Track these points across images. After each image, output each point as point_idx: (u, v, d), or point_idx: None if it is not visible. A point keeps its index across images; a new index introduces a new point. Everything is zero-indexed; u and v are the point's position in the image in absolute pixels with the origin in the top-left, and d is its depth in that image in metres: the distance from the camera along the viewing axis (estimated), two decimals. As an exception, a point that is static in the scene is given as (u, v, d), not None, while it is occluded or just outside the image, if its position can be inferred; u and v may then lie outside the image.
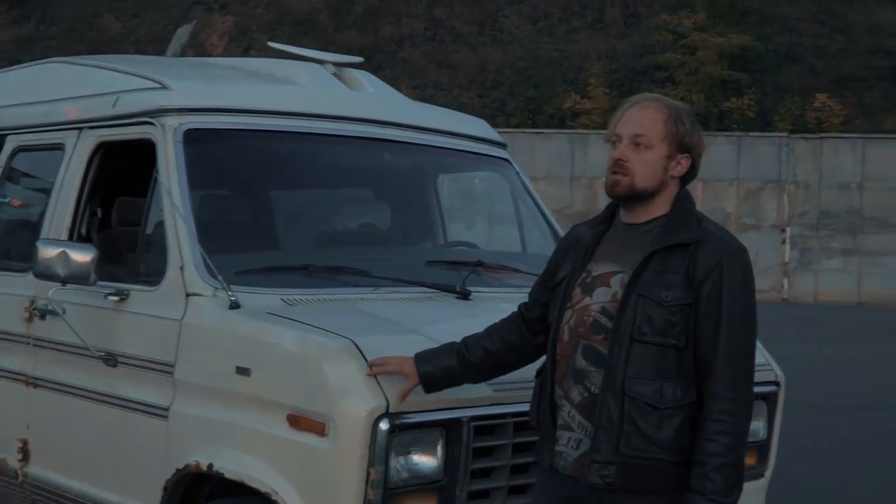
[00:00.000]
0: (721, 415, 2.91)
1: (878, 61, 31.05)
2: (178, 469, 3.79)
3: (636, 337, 2.94)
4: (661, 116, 3.07)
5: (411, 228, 5.27)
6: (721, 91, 29.29)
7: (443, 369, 3.34)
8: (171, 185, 4.07)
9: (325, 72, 4.87)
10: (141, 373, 4.05)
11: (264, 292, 3.88)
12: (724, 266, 2.96)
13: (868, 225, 28.16)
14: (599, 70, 31.09)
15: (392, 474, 3.34)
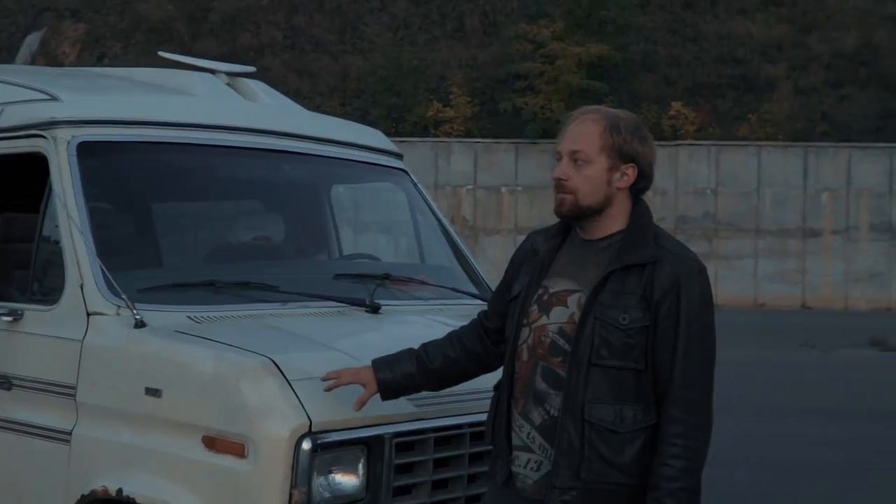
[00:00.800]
0: (676, 438, 2.87)
1: (730, 70, 32.05)
2: (83, 495, 3.63)
3: (595, 361, 2.89)
4: (597, 129, 3.01)
5: (307, 240, 5.18)
6: (580, 99, 29.68)
7: (402, 376, 3.28)
8: (67, 200, 3.91)
9: (220, 82, 4.76)
10: (38, 395, 3.88)
11: (170, 310, 3.77)
12: (682, 286, 2.91)
13: (723, 229, 29.06)
14: (461, 79, 31.29)
15: (315, 495, 3.27)
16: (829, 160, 28.88)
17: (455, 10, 34.76)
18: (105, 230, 3.98)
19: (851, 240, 28.83)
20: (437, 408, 3.52)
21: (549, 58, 30.09)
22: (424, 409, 3.50)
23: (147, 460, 3.51)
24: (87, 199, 3.94)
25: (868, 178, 28.69)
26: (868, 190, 28.68)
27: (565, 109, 29.47)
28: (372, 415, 3.38)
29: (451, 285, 4.66)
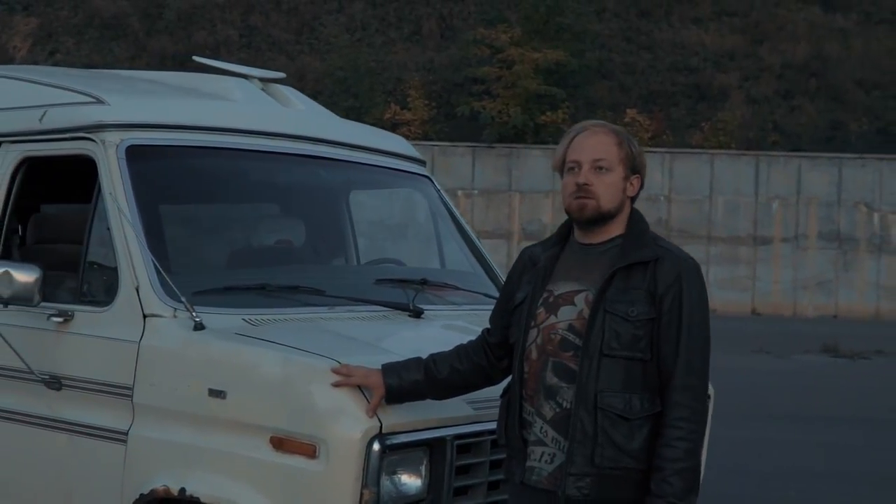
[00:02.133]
0: (680, 422, 3.07)
1: (683, 78, 32.47)
2: (142, 494, 3.69)
3: (605, 352, 3.08)
4: (613, 140, 3.25)
5: (335, 244, 5.27)
6: (537, 105, 30.02)
7: (410, 383, 3.41)
8: (119, 203, 3.97)
9: (255, 87, 4.84)
10: (90, 396, 3.93)
11: (225, 312, 3.84)
12: (683, 281, 3.14)
13: (675, 236, 29.37)
14: (418, 82, 31.39)
15: (383, 495, 3.36)
16: (780, 169, 29.35)
17: (412, 13, 34.85)
18: (156, 233, 4.04)
19: (800, 248, 29.33)
20: (491, 411, 3.61)
21: (506, 63, 30.26)
22: (481, 412, 3.60)
23: (210, 460, 3.57)
24: (137, 202, 4.00)
25: (817, 188, 29.19)
26: (817, 199, 29.19)
27: (522, 114, 29.78)
28: (434, 417, 3.49)
29: (480, 291, 4.77)
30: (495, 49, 30.63)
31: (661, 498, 3.04)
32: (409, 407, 3.44)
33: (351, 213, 5.49)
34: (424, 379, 3.42)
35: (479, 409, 3.60)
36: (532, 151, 29.01)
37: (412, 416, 3.43)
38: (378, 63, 33.11)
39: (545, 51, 30.05)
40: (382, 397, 3.38)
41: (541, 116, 29.88)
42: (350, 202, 5.33)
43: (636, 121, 30.19)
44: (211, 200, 4.77)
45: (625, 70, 32.72)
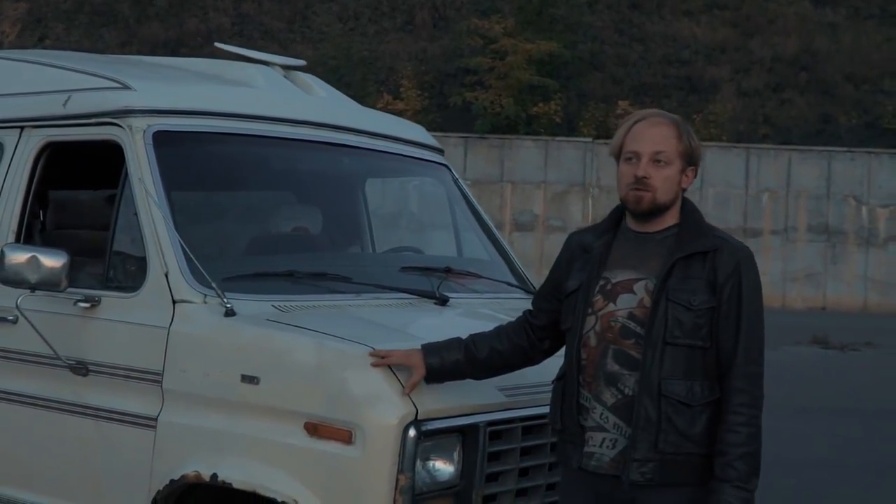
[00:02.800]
0: (742, 407, 3.12)
1: (675, 71, 32.53)
2: (172, 480, 3.69)
3: (668, 340, 3.12)
4: (674, 133, 3.27)
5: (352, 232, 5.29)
6: (529, 96, 30.04)
7: (451, 363, 3.44)
8: (147, 189, 3.97)
9: (277, 74, 4.84)
10: (118, 381, 3.93)
11: (255, 299, 3.85)
12: (742, 271, 3.18)
13: (666, 227, 29.47)
14: (411, 71, 31.36)
15: (418, 480, 3.38)
16: (770, 162, 29.44)
17: (405, 3, 34.81)
18: (185, 219, 4.04)
19: (789, 240, 29.44)
20: (524, 398, 3.64)
21: (499, 53, 30.27)
22: (514, 398, 3.63)
23: (242, 446, 3.58)
24: (165, 188, 4.00)
25: (806, 181, 29.29)
26: (806, 192, 29.28)
27: (514, 105, 29.80)
28: (468, 404, 3.51)
29: (501, 279, 4.80)
30: (488, 40, 30.62)
31: (727, 482, 3.09)
32: (443, 393, 3.46)
33: (367, 201, 5.50)
34: (465, 359, 3.45)
35: (511, 395, 3.63)
36: (524, 142, 29.02)
37: (447, 403, 3.45)
38: (370, 52, 33.08)
39: (538, 42, 30.07)
40: (422, 376, 3.41)
41: (533, 107, 29.90)
42: (366, 190, 5.34)
43: (628, 112, 30.16)
44: (235, 187, 4.77)
45: (617, 62, 32.76)
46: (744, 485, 3.10)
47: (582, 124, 30.18)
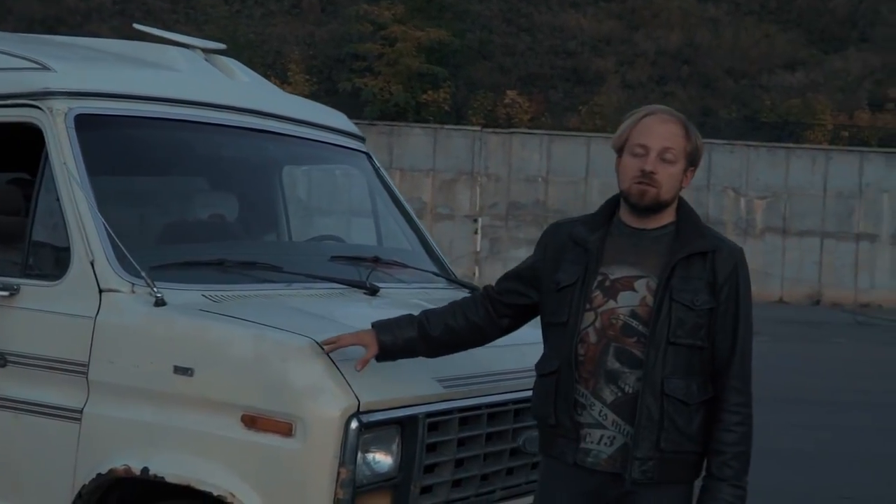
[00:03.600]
0: (738, 407, 3.17)
1: (562, 62, 32.93)
2: (99, 474, 3.58)
3: (672, 340, 3.14)
4: (681, 132, 3.25)
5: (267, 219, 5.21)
6: (419, 83, 30.06)
7: (404, 340, 3.40)
8: (71, 174, 3.84)
9: (199, 58, 4.73)
10: (39, 373, 3.80)
11: (183, 288, 3.76)
12: (740, 272, 3.22)
13: (552, 216, 29.78)
14: (298, 56, 31.09)
15: (358, 473, 3.34)
16: (654, 154, 29.94)
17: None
18: (108, 206, 3.92)
19: (671, 231, 30.01)
20: (462, 389, 3.64)
21: (389, 40, 30.21)
22: (451, 389, 3.61)
23: (175, 439, 3.49)
24: (89, 173, 3.88)
25: (688, 173, 29.91)
26: (688, 183, 29.90)
27: (404, 92, 29.78)
28: (408, 395, 3.48)
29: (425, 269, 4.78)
30: (378, 26, 30.54)
31: (723, 481, 3.14)
32: (383, 385, 3.43)
33: (284, 188, 5.42)
34: (418, 336, 3.41)
35: (449, 387, 3.61)
36: (413, 130, 29.03)
37: (387, 395, 3.42)
38: (257, 36, 32.67)
39: (428, 29, 30.09)
40: (375, 354, 3.37)
41: (422, 95, 29.94)
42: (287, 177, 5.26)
43: (516, 102, 30.52)
44: (158, 173, 4.64)
45: (505, 51, 33.00)
46: (738, 482, 3.15)
47: (471, 113, 30.34)
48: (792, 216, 29.90)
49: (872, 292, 29.93)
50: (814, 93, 32.14)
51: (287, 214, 5.47)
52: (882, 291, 30.00)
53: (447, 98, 30.18)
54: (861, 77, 33.15)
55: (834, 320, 24.67)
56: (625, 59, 33.27)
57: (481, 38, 32.67)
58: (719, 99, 32.27)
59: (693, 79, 33.02)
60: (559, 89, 32.28)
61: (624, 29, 34.08)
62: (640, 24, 34.24)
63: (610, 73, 32.59)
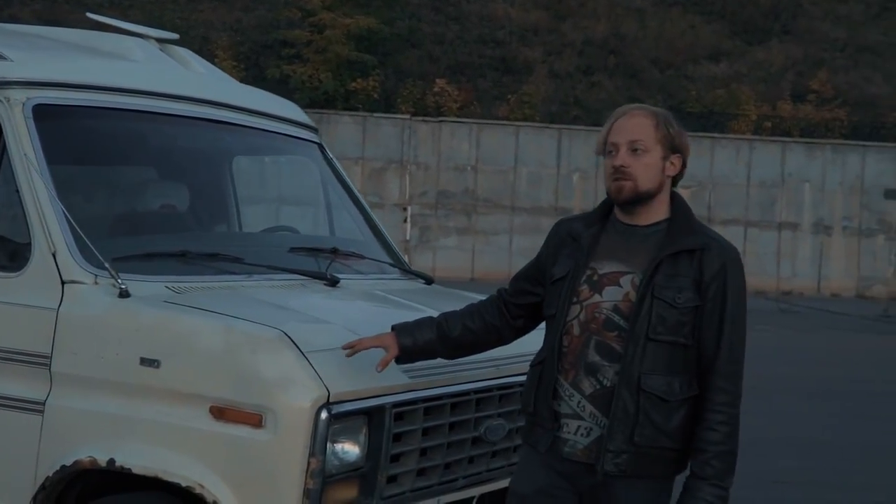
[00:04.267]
0: (722, 406, 3.18)
1: (490, 51, 33.05)
2: (63, 466, 3.57)
3: (651, 336, 3.17)
4: (651, 122, 3.28)
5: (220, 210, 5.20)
6: (348, 71, 29.98)
7: (423, 342, 3.49)
8: (30, 165, 3.81)
9: (153, 48, 4.71)
10: (2, 365, 3.76)
11: (146, 279, 3.75)
12: (728, 271, 3.21)
13: (481, 205, 30.01)
14: (226, 42, 30.81)
15: (328, 463, 3.37)
16: (581, 143, 30.30)
17: (218, -28, 34.13)
18: (67, 197, 3.89)
19: (598, 219, 30.32)
20: (426, 378, 3.68)
21: (317, 27, 30.07)
22: (416, 379, 3.65)
23: (142, 430, 3.49)
24: (49, 164, 3.85)
25: (615, 162, 30.24)
26: (615, 172, 30.22)
27: (333, 80, 29.66)
28: (375, 385, 3.52)
29: (381, 259, 4.82)
30: (306, 13, 30.38)
31: (703, 480, 3.15)
32: (351, 375, 3.46)
33: (234, 179, 5.41)
34: (437, 338, 3.49)
35: (414, 377, 3.65)
36: (342, 118, 28.96)
37: (356, 385, 3.45)
38: (183, 21, 32.26)
39: (357, 17, 30.00)
40: (395, 356, 3.45)
41: (351, 83, 29.87)
42: (240, 167, 5.26)
43: (445, 91, 30.59)
44: (114, 164, 4.61)
45: (433, 40, 33.03)
46: (720, 482, 3.15)
47: (400, 101, 30.34)
48: (716, 205, 30.42)
49: (794, 280, 30.61)
50: (738, 84, 32.68)
51: (237, 205, 5.47)
52: (803, 279, 30.70)
53: (376, 86, 30.16)
54: (783, 68, 33.78)
55: (758, 308, 25.07)
56: (552, 48, 33.50)
57: (410, 26, 32.67)
58: (645, 89, 32.66)
59: (619, 69, 33.36)
60: (488, 78, 32.41)
61: (551, 19, 34.30)
62: (567, 15, 34.49)
63: (537, 62, 32.79)
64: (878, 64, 34.75)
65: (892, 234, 31.24)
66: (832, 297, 30.14)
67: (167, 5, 32.27)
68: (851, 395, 12.47)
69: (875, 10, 36.45)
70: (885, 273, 31.09)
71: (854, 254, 31.05)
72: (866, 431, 10.15)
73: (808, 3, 35.50)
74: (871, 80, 34.21)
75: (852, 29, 35.49)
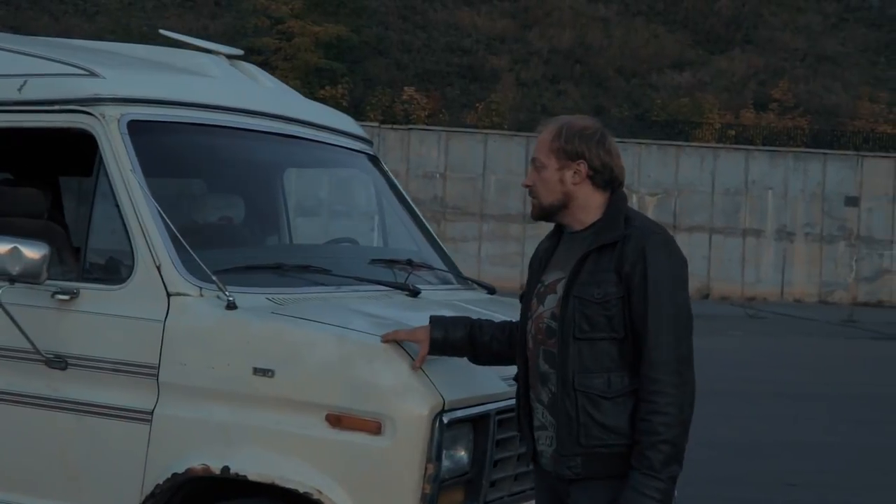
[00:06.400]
0: (653, 395, 3.10)
1: (458, 59, 33.27)
2: (175, 473, 3.66)
3: (578, 335, 3.17)
4: (548, 136, 3.31)
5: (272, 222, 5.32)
6: (317, 79, 30.02)
7: (453, 339, 3.55)
8: (129, 180, 3.90)
9: (225, 63, 4.81)
10: (104, 375, 3.84)
11: (248, 291, 3.85)
12: (648, 256, 3.14)
13: (450, 213, 30.14)
14: (193, 50, 30.70)
15: (442, 469, 3.50)
16: (549, 151, 30.45)
17: (185, -21, 34.06)
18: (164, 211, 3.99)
19: (565, 226, 30.59)
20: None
21: (286, 35, 30.09)
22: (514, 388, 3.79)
23: (255, 438, 3.59)
24: (147, 178, 3.95)
25: (582, 169, 30.52)
26: (581, 180, 30.50)
27: (302, 87, 29.63)
28: (483, 394, 3.65)
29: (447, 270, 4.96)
30: (275, 20, 30.39)
31: (638, 471, 3.09)
32: (462, 384, 3.59)
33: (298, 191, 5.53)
34: (467, 338, 3.54)
35: (512, 385, 3.78)
36: (311, 126, 28.96)
37: (467, 393, 3.59)
38: (150, 28, 32.11)
39: (326, 25, 30.07)
40: (428, 350, 3.51)
41: (320, 91, 29.88)
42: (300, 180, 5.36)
43: (414, 99, 30.71)
44: (202, 178, 4.71)
45: (401, 48, 33.18)
46: (656, 473, 3.08)
47: (369, 109, 30.43)
48: (682, 212, 30.77)
49: (758, 286, 31.03)
50: (701, 92, 33.11)
51: (288, 217, 5.59)
52: (767, 285, 31.13)
53: (345, 94, 30.22)
54: (746, 77, 34.27)
55: (727, 314, 25.51)
56: (519, 57, 33.78)
57: (378, 34, 32.79)
58: (611, 98, 33.03)
59: (585, 78, 33.70)
60: (455, 86, 32.61)
61: (517, 27, 34.60)
62: (533, 23, 34.81)
63: (504, 71, 33.05)
64: (837, 73, 35.40)
65: (852, 241, 31.78)
66: (795, 302, 30.62)
67: (134, 12, 32.14)
68: (834, 398, 12.71)
69: (833, 20, 37.12)
70: (846, 279, 31.63)
71: (816, 260, 31.55)
72: (859, 434, 10.40)
73: (768, 14, 36.06)
74: (831, 89, 34.83)
75: (812, 39, 36.13)
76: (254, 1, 31.09)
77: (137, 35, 30.72)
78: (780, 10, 36.11)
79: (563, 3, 35.32)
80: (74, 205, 5.60)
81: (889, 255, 31.85)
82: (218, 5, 33.61)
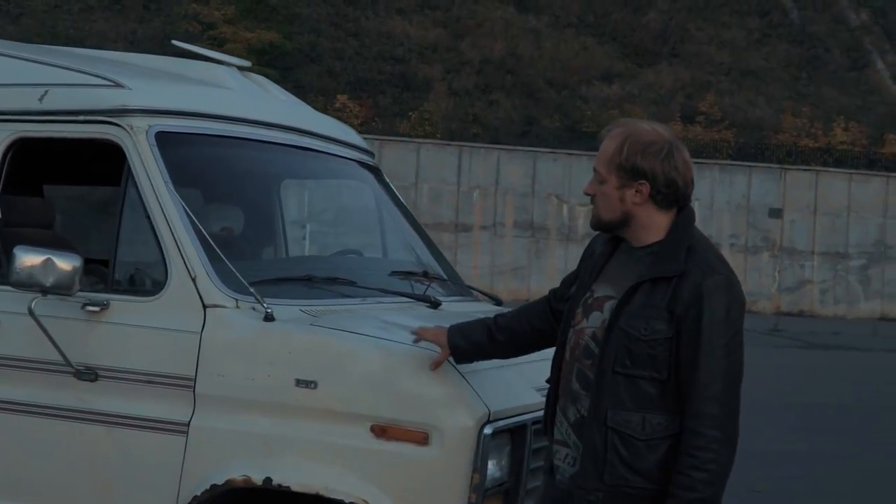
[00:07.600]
0: (695, 450, 2.91)
1: (390, 67, 33.31)
2: (214, 485, 3.67)
3: (617, 369, 2.98)
4: (613, 147, 3.06)
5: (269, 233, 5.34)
6: (249, 85, 29.87)
7: (473, 344, 3.51)
8: (160, 192, 3.91)
9: (238, 75, 4.83)
10: (137, 387, 3.84)
11: (282, 303, 3.87)
12: (705, 300, 2.93)
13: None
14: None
15: (487, 478, 3.56)
16: (481, 160, 30.77)
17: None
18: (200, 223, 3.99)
19: (498, 235, 30.89)
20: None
21: (218, 40, 29.88)
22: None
23: (298, 449, 3.61)
24: (177, 190, 3.95)
25: (513, 179, 30.86)
26: (513, 190, 30.85)
27: (235, 94, 29.53)
28: (521, 404, 3.73)
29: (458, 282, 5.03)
30: (206, 26, 30.17)
31: None
32: (501, 394, 3.66)
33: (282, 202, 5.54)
34: (486, 340, 3.49)
35: (544, 395, 3.86)
36: (245, 132, 28.79)
37: (507, 404, 3.65)
38: (77, 31, 31.69)
39: (258, 31, 29.93)
40: (448, 356, 3.50)
41: (253, 97, 29.78)
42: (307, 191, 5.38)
43: (347, 107, 30.69)
44: (226, 189, 4.71)
45: (333, 55, 33.13)
46: None
47: (302, 116, 30.34)
48: (612, 223, 31.09)
49: (686, 295, 31.47)
50: (630, 104, 33.58)
51: (284, 229, 5.60)
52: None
53: (278, 101, 30.11)
54: (673, 90, 34.84)
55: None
56: (451, 66, 33.94)
57: (310, 41, 32.71)
58: (542, 108, 33.33)
59: (517, 88, 33.96)
60: (388, 95, 32.65)
61: (449, 37, 34.77)
62: (465, 33, 35.00)
63: (437, 80, 33.18)
64: (761, 87, 36.17)
65: (775, 252, 32.46)
66: (721, 311, 31.06)
67: (60, 15, 31.63)
68: (784, 407, 12.94)
69: (757, 36, 37.93)
70: (769, 289, 32.30)
71: (741, 270, 32.15)
72: (817, 443, 10.61)
73: (694, 28, 36.73)
74: (755, 102, 35.58)
75: (736, 54, 36.88)
76: (185, 6, 30.83)
77: (64, 38, 30.31)
78: (705, 24, 36.80)
79: (494, 13, 35.58)
80: (97, 215, 5.56)
81: (810, 266, 32.59)
82: (146, 9, 33.23)
